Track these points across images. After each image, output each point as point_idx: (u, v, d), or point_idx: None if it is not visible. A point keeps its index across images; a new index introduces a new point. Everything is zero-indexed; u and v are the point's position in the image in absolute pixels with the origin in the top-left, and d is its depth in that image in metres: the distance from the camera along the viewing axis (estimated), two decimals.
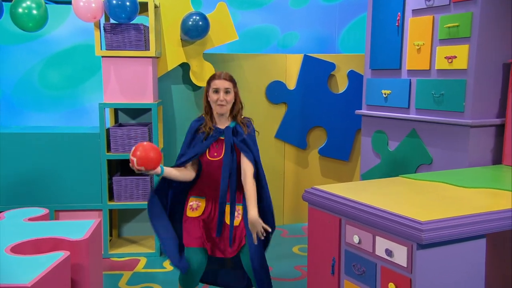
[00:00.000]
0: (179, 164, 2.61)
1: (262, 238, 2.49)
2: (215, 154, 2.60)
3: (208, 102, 2.64)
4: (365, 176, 3.63)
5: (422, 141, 3.15)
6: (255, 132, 2.72)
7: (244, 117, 2.69)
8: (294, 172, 4.48)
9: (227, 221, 2.62)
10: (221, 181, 2.56)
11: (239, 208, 2.66)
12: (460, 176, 2.49)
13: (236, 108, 2.65)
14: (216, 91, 2.58)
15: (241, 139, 2.61)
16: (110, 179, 3.74)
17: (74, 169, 3.59)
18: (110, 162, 3.80)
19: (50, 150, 3.57)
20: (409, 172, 3.19)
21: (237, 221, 2.62)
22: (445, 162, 2.99)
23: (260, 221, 2.46)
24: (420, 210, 1.87)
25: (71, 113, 4.28)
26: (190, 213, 2.64)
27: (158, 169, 2.48)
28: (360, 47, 4.56)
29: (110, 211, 3.87)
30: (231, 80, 2.64)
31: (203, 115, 2.67)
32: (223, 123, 2.63)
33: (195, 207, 2.64)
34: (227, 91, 2.59)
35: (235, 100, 2.64)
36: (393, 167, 3.37)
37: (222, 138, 2.62)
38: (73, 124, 4.21)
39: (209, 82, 2.63)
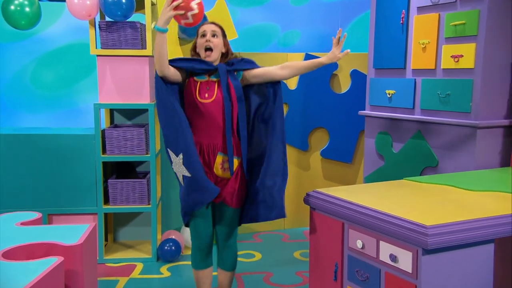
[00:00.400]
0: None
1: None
2: (206, 95, 2.54)
3: (195, 51, 2.61)
4: (368, 179, 3.63)
5: (428, 143, 3.15)
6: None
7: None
8: (296, 175, 4.48)
9: (224, 174, 2.55)
10: (226, 120, 2.47)
11: (236, 162, 2.58)
12: (467, 178, 2.48)
13: (227, 55, 2.62)
14: (203, 35, 2.56)
15: (242, 62, 2.58)
16: (105, 181, 3.74)
17: (68, 172, 3.59)
18: (105, 164, 3.80)
19: (44, 152, 3.56)
20: (414, 174, 3.19)
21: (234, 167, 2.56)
22: (451, 164, 2.99)
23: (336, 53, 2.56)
24: (425, 214, 1.87)
25: (65, 114, 4.28)
26: None
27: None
28: (363, 45, 4.56)
29: (106, 215, 3.87)
30: (220, 27, 2.62)
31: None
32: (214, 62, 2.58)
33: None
34: (214, 34, 2.57)
35: (226, 50, 2.62)
36: (398, 169, 3.37)
37: (213, 80, 2.56)
38: (67, 125, 4.21)
39: (197, 30, 2.62)
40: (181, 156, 2.50)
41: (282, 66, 2.66)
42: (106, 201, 3.71)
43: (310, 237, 2.25)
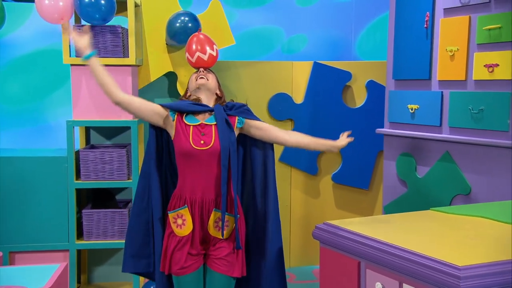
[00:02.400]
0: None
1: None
2: (202, 142, 2.59)
3: (186, 96, 2.76)
4: (388, 209, 3.62)
5: (458, 166, 3.14)
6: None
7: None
8: (303, 203, 4.47)
9: (217, 234, 2.62)
10: (222, 171, 2.55)
11: (228, 219, 2.65)
12: (504, 209, 2.47)
13: (221, 100, 2.77)
14: (197, 71, 2.76)
15: (242, 109, 2.70)
16: (79, 212, 3.72)
17: (34, 201, 3.57)
18: (79, 192, 3.79)
19: (5, 177, 3.56)
20: (442, 204, 3.18)
21: (226, 232, 2.64)
22: (486, 192, 2.98)
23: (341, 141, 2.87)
24: (456, 252, 1.85)
25: (32, 132, 4.29)
26: (177, 231, 2.61)
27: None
28: (381, 52, 4.58)
29: (79, 252, 3.85)
30: (214, 73, 2.82)
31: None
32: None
33: (181, 222, 2.61)
34: (207, 71, 2.77)
35: (220, 93, 2.77)
36: (423, 197, 3.36)
37: (209, 123, 2.64)
38: (35, 146, 4.21)
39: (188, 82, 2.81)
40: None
41: (288, 132, 2.92)
42: (80, 235, 3.69)
43: (320, 278, 2.24)
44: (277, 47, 4.78)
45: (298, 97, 4.37)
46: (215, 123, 2.64)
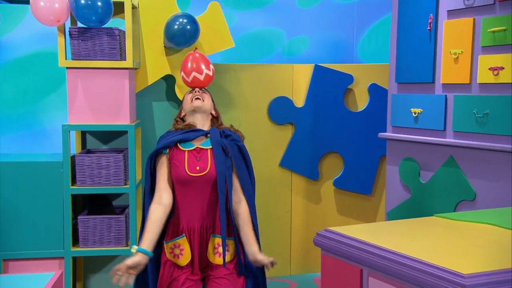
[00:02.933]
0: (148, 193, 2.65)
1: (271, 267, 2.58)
2: (198, 168, 2.59)
3: (181, 119, 2.77)
4: (391, 215, 3.62)
5: (462, 172, 3.14)
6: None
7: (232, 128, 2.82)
8: (304, 209, 4.47)
9: (217, 260, 2.62)
10: (219, 197, 2.54)
11: (228, 243, 2.65)
12: (510, 216, 2.47)
13: (218, 121, 2.78)
14: (192, 91, 2.76)
15: (237, 144, 2.67)
16: (74, 218, 3.72)
17: (29, 207, 3.57)
18: (75, 198, 3.79)
19: (0, 182, 3.56)
20: (446, 210, 3.18)
21: (228, 256, 2.64)
22: (491, 197, 2.98)
23: (264, 257, 2.57)
24: (461, 259, 1.85)
25: (27, 136, 4.28)
26: (179, 262, 2.61)
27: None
28: (383, 55, 4.59)
29: (74, 259, 3.84)
30: (208, 91, 2.83)
31: (175, 126, 2.76)
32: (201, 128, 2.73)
33: (177, 252, 2.62)
34: (203, 90, 2.78)
35: (215, 113, 2.79)
36: (427, 203, 3.36)
37: (205, 148, 2.64)
38: (30, 150, 4.21)
39: (182, 99, 2.82)
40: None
41: (241, 208, 2.70)
42: (75, 242, 3.68)
43: (321, 286, 2.23)
44: (278, 49, 4.78)
45: (299, 101, 4.38)
46: (210, 146, 2.63)
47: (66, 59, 3.58)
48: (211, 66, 2.91)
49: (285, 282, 4.32)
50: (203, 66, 2.84)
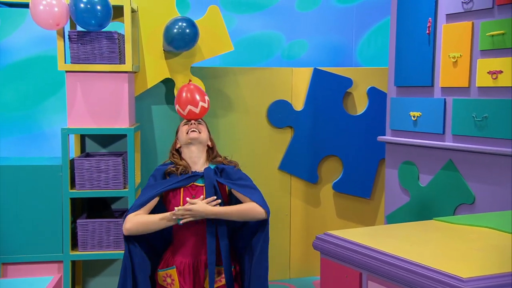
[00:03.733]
0: (134, 209, 2.63)
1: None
2: None
3: (176, 150, 2.78)
4: (390, 218, 3.62)
5: (461, 175, 3.14)
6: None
7: (226, 159, 2.82)
8: (303, 213, 4.46)
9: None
10: (207, 239, 2.58)
11: (222, 271, 2.68)
12: (510, 219, 2.47)
13: (214, 153, 2.80)
14: (187, 122, 2.78)
15: (236, 177, 2.68)
16: (73, 222, 3.72)
17: (28, 210, 3.57)
18: (74, 201, 3.78)
19: None
20: (445, 213, 3.18)
21: (220, 283, 2.67)
22: (490, 201, 2.98)
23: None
24: (460, 263, 1.85)
25: (26, 140, 4.28)
26: None
27: None
28: (382, 59, 4.60)
29: (73, 263, 3.83)
30: (203, 121, 2.86)
31: (171, 159, 2.77)
32: (200, 167, 2.73)
33: (170, 281, 2.68)
34: (199, 121, 2.80)
35: (211, 144, 2.81)
36: (426, 207, 3.36)
37: (200, 184, 2.68)
38: (29, 154, 4.20)
39: (177, 130, 2.84)
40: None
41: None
42: (74, 246, 3.68)
43: None
44: (277, 53, 4.79)
45: (298, 104, 4.38)
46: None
47: (65, 62, 3.58)
48: (206, 98, 2.91)
49: (284, 285, 4.31)
50: (198, 98, 2.84)
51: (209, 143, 2.82)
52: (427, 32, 3.32)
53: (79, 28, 3.67)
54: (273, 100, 4.33)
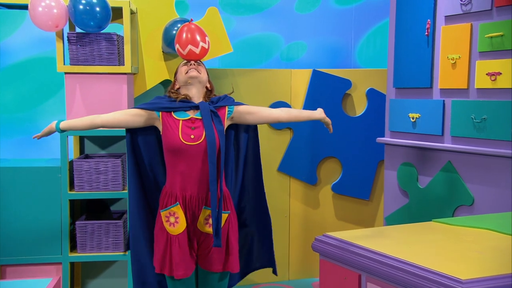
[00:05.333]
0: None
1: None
2: (192, 136, 2.61)
3: (175, 92, 2.75)
4: (390, 220, 3.62)
5: (460, 177, 3.15)
6: None
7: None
8: (302, 214, 4.46)
9: (208, 230, 2.65)
10: (209, 168, 2.55)
11: (224, 217, 2.67)
12: (509, 221, 2.48)
13: (211, 94, 2.78)
14: (186, 63, 2.74)
15: (228, 98, 2.73)
16: (72, 224, 3.71)
17: (27, 212, 3.56)
18: (73, 203, 3.78)
19: None
20: (444, 215, 3.18)
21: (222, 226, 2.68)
22: (489, 202, 2.98)
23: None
24: (459, 264, 1.85)
25: (25, 141, 4.28)
26: (174, 230, 2.62)
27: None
28: (381, 60, 4.60)
29: (72, 264, 3.83)
30: (203, 63, 2.82)
31: (170, 95, 2.76)
32: (196, 100, 2.73)
33: (173, 221, 2.63)
34: (198, 63, 2.76)
35: (210, 86, 2.79)
36: (425, 208, 3.36)
37: (199, 118, 2.66)
38: (28, 156, 4.20)
39: (176, 70, 2.80)
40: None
41: (277, 108, 2.91)
42: (73, 247, 3.68)
43: None
44: (276, 54, 4.79)
45: (297, 106, 4.38)
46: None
47: (64, 64, 3.58)
48: (207, 39, 2.85)
49: (283, 287, 4.31)
50: (198, 38, 2.77)
51: (208, 85, 2.79)
52: (426, 33, 3.33)
53: (78, 30, 3.67)
54: (272, 102, 4.33)
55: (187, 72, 2.70)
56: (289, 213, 4.45)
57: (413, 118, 3.42)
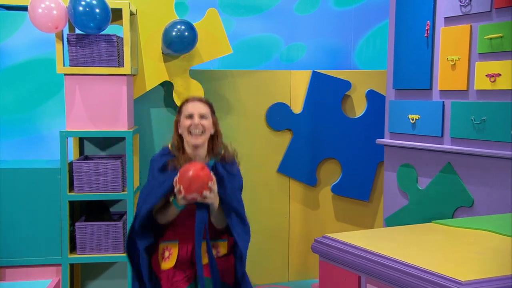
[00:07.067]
0: (144, 213, 2.58)
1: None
2: None
3: (179, 137, 2.67)
4: (389, 221, 3.62)
5: (460, 178, 3.15)
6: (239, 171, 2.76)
7: (226, 151, 2.71)
8: (301, 215, 4.46)
9: (205, 260, 2.64)
10: (196, 239, 2.56)
11: (218, 245, 2.67)
12: (508, 222, 2.48)
13: (216, 143, 2.69)
14: (190, 116, 2.61)
15: (230, 186, 2.64)
16: (72, 225, 3.71)
17: (26, 213, 3.56)
18: (72, 204, 3.78)
19: None
20: (444, 216, 3.18)
21: (221, 253, 2.69)
22: (489, 204, 2.99)
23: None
24: (459, 266, 1.86)
25: (25, 143, 4.28)
26: (164, 265, 2.65)
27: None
28: (381, 61, 4.60)
29: (72, 266, 3.83)
30: (208, 104, 2.69)
31: (170, 148, 2.68)
32: (201, 160, 2.65)
33: (167, 255, 2.66)
34: (202, 116, 2.62)
35: (215, 132, 2.68)
36: (425, 209, 3.36)
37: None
38: (27, 157, 4.20)
39: (180, 110, 2.68)
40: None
41: None
42: (73, 249, 3.68)
43: None
44: (275, 55, 4.79)
45: (297, 107, 4.38)
46: None
47: (64, 65, 3.58)
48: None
49: None
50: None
51: (212, 131, 2.67)
52: (426, 35, 3.33)
53: (77, 31, 3.67)
54: (272, 103, 4.33)
55: (190, 132, 2.60)
56: (288, 214, 4.45)
57: (412, 119, 3.42)
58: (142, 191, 2.69)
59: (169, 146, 2.71)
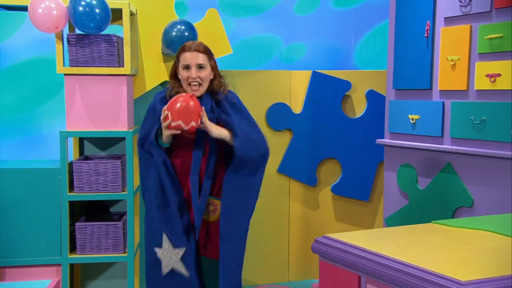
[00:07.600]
0: (147, 144, 2.67)
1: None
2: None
3: (176, 79, 2.71)
4: (389, 221, 3.62)
5: (460, 178, 3.15)
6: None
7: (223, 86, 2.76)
8: (302, 216, 4.46)
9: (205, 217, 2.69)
10: (192, 162, 2.58)
11: (216, 203, 2.66)
12: (508, 222, 2.47)
13: (215, 85, 2.72)
14: (187, 67, 2.63)
15: (231, 104, 2.70)
16: (72, 225, 3.71)
17: (26, 213, 3.56)
18: (72, 204, 3.78)
19: None
20: (444, 216, 3.18)
21: (214, 216, 2.66)
22: (489, 204, 2.99)
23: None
24: (459, 266, 1.85)
25: (24, 143, 4.28)
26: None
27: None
28: (381, 61, 4.60)
29: (72, 266, 3.83)
30: (206, 51, 2.70)
31: (170, 86, 2.72)
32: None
33: None
34: (200, 67, 2.65)
35: (214, 76, 2.71)
36: (425, 210, 3.36)
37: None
38: (27, 157, 4.20)
39: (178, 56, 2.69)
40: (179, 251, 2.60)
41: None
42: (73, 249, 3.67)
43: None
44: (275, 56, 4.79)
45: (297, 107, 4.38)
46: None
47: (64, 65, 3.58)
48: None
49: None
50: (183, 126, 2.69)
51: (211, 76, 2.73)
52: (426, 35, 3.33)
53: (77, 31, 3.67)
54: (272, 103, 4.33)
55: (189, 84, 2.67)
56: (288, 214, 4.45)
57: (412, 119, 3.42)
58: (143, 126, 2.81)
59: (167, 93, 2.75)
